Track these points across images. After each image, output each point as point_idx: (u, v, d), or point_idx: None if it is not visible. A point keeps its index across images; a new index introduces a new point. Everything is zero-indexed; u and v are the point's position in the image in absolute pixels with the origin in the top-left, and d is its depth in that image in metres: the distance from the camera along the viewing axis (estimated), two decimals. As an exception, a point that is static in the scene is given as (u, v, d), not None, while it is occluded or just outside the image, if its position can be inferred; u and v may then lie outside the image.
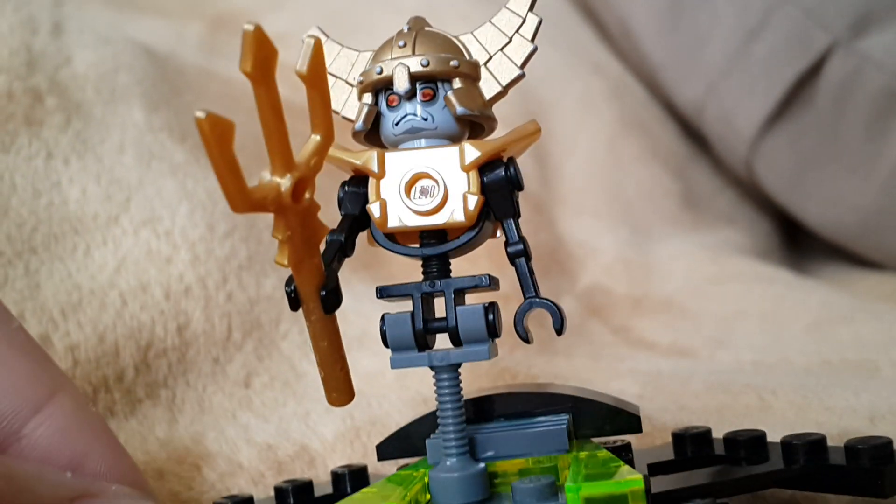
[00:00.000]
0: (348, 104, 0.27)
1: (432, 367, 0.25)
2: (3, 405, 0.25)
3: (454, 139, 0.26)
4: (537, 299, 0.24)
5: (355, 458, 0.36)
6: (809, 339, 0.51)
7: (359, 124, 0.26)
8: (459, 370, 0.25)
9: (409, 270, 0.27)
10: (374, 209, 0.25)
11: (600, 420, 0.28)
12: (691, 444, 0.29)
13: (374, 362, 0.39)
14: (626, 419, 0.28)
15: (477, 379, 0.39)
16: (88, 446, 0.26)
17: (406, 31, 0.26)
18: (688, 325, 0.57)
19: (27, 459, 0.25)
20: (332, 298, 0.23)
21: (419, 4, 0.72)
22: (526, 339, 0.25)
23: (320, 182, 0.22)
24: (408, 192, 0.25)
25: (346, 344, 0.24)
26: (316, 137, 0.21)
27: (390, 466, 0.31)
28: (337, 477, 0.30)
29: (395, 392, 0.40)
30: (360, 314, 0.43)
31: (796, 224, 0.78)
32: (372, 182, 0.25)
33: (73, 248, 0.40)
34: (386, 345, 0.25)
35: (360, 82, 0.26)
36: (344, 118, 0.27)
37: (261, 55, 0.19)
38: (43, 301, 0.38)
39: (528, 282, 0.25)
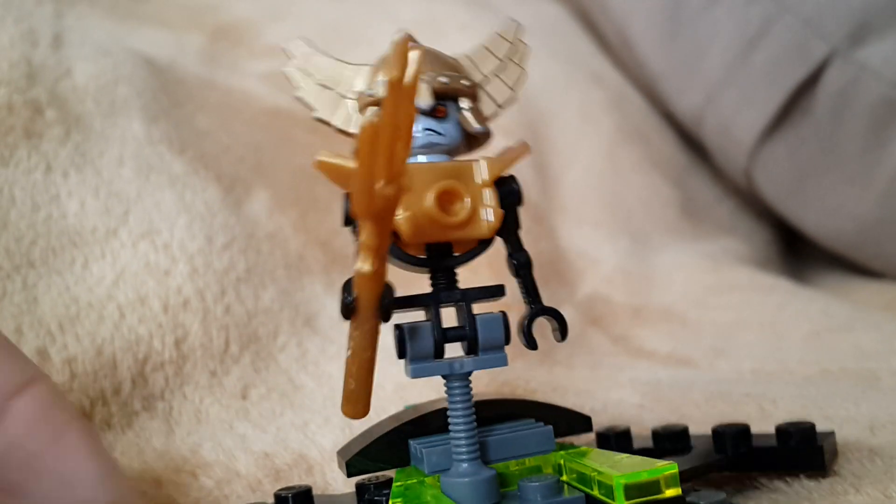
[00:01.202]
0: (342, 116, 0.27)
1: (448, 376, 0.26)
2: None
3: (453, 153, 0.27)
4: (544, 307, 0.26)
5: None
6: (809, 348, 0.51)
7: None
8: (470, 378, 0.26)
9: (407, 279, 0.28)
10: (402, 222, 0.25)
11: (558, 422, 0.28)
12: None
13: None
14: (580, 420, 0.29)
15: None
16: (66, 429, 0.26)
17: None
18: (687, 335, 0.57)
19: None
20: (391, 308, 0.24)
21: (419, 15, 0.72)
22: (532, 346, 0.25)
23: (318, 192, 0.22)
24: (437, 205, 0.25)
25: (343, 359, 0.24)
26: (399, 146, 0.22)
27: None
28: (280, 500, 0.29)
29: (395, 404, 0.40)
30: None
31: (795, 233, 0.78)
32: None
33: (71, 262, 0.40)
34: (400, 356, 0.26)
35: (370, 96, 0.26)
36: (339, 130, 0.27)
37: (405, 64, 0.20)
38: (41, 315, 0.38)
39: (534, 291, 0.26)
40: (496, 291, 0.26)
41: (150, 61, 0.51)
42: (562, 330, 0.26)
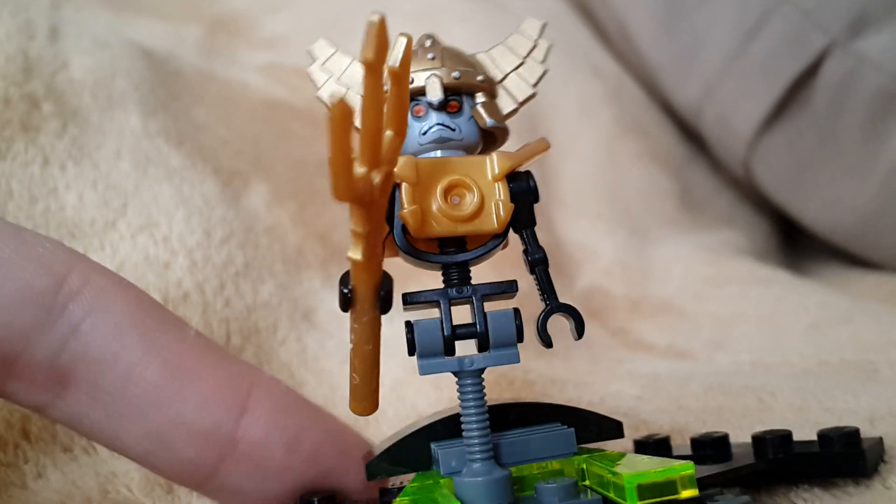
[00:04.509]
0: (357, 115, 0.27)
1: (458, 373, 0.25)
2: (208, 419, 0.25)
3: (470, 150, 0.27)
4: (560, 304, 0.25)
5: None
6: (808, 340, 0.51)
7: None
8: (483, 375, 0.25)
9: (411, 273, 0.27)
10: (409, 216, 0.25)
11: (586, 427, 0.28)
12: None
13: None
14: (611, 426, 0.28)
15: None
16: (299, 425, 0.27)
17: (429, 44, 0.27)
18: (686, 327, 0.57)
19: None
20: (389, 298, 0.23)
21: (419, 8, 0.72)
22: (547, 344, 0.25)
23: (317, 185, 0.22)
24: (444, 199, 0.25)
25: (342, 354, 0.24)
26: (390, 133, 0.21)
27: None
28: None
29: (392, 405, 0.40)
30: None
31: (794, 225, 0.78)
32: (406, 188, 0.25)
33: (70, 254, 0.40)
34: (411, 353, 0.25)
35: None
36: (355, 129, 0.27)
37: (381, 45, 0.19)
38: None
39: (550, 288, 0.25)
40: (508, 287, 0.26)
41: (148, 53, 0.51)
42: (578, 327, 0.26)
